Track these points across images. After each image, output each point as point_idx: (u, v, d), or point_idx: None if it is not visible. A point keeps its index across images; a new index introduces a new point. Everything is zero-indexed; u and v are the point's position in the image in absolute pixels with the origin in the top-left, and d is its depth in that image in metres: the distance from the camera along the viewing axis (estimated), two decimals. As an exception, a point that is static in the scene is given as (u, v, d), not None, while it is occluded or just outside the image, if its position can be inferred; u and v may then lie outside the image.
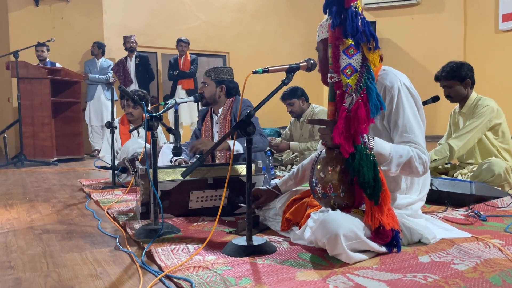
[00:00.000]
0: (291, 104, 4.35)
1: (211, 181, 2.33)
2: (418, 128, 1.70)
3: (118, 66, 6.82)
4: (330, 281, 1.37)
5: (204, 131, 3.14)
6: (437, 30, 7.91)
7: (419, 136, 1.68)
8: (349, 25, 1.56)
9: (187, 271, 1.49)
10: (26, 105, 5.66)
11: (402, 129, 1.68)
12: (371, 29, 1.58)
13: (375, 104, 1.54)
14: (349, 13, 1.56)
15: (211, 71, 3.08)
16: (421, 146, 1.67)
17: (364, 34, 1.57)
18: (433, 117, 7.22)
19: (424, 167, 1.66)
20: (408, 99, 1.72)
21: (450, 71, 3.01)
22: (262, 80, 4.59)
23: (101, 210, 2.65)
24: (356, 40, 1.57)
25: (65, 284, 1.46)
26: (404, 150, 1.63)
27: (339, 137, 1.55)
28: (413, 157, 1.63)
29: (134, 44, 6.80)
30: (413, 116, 1.70)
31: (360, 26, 1.57)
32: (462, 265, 1.49)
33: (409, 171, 1.66)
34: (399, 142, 1.68)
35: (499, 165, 2.73)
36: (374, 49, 1.58)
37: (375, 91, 1.55)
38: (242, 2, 8.57)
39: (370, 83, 1.56)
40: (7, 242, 1.98)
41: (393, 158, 1.61)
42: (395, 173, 1.65)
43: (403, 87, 1.72)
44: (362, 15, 1.59)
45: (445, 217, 2.22)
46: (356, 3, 1.58)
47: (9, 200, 3.09)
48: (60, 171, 4.97)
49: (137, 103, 2.44)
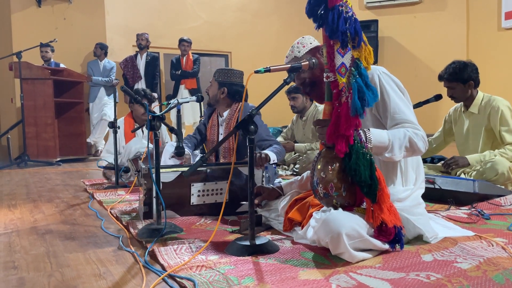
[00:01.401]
0: (295, 98, 4.26)
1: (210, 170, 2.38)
2: (406, 107, 1.75)
3: (127, 61, 6.82)
4: (333, 280, 1.37)
5: (210, 127, 3.13)
6: (440, 29, 7.89)
7: (409, 114, 1.74)
8: (328, 27, 1.58)
9: (190, 270, 1.49)
10: (29, 106, 5.68)
11: (392, 112, 1.73)
12: (357, 26, 1.57)
13: (354, 104, 1.54)
14: (330, 14, 1.57)
15: (218, 71, 3.06)
16: (413, 123, 1.72)
17: (348, 32, 1.56)
18: (436, 116, 7.19)
19: (423, 142, 1.70)
20: (390, 84, 1.77)
21: (452, 73, 2.98)
22: (264, 80, 4.59)
23: (104, 210, 2.66)
24: (339, 40, 1.57)
25: (68, 284, 1.46)
26: (400, 132, 1.67)
27: (331, 137, 1.57)
28: (411, 136, 1.67)
29: (145, 41, 6.83)
30: (399, 98, 1.76)
31: (344, 25, 1.56)
32: (465, 263, 1.49)
33: (412, 150, 1.69)
34: (392, 125, 1.72)
35: (502, 164, 2.72)
36: (358, 45, 1.57)
37: (356, 89, 1.55)
38: (244, 2, 8.57)
39: (355, 81, 1.56)
40: (11, 242, 1.99)
41: (393, 143, 1.64)
42: (400, 157, 1.67)
43: (382, 75, 1.78)
44: (351, 13, 1.58)
45: (448, 215, 2.21)
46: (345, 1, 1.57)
47: (13, 201, 3.10)
48: (63, 171, 4.98)
49: (138, 102, 2.44)
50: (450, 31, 7.82)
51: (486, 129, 2.96)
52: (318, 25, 1.65)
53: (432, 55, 7.87)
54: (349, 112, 1.55)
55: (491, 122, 2.93)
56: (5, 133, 5.75)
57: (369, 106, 1.57)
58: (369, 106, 1.57)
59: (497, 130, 2.90)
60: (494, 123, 2.92)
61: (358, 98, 1.54)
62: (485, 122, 2.96)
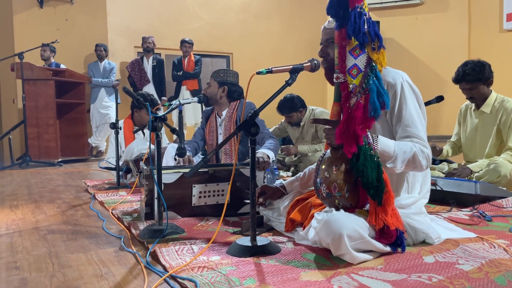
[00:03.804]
0: (290, 116, 4.27)
1: (212, 171, 2.38)
2: (420, 122, 1.73)
3: (134, 65, 6.81)
4: (335, 281, 1.37)
5: (208, 131, 3.14)
6: (441, 30, 7.89)
7: (421, 130, 1.72)
8: (351, 26, 1.57)
9: (191, 271, 1.49)
10: (31, 107, 5.69)
11: (405, 124, 1.71)
12: (376, 29, 1.59)
13: (374, 105, 1.54)
14: (352, 14, 1.57)
15: (215, 72, 3.09)
16: (423, 141, 1.70)
17: (368, 34, 1.57)
18: (437, 118, 7.19)
19: (427, 161, 1.69)
20: (410, 95, 1.75)
21: (473, 72, 2.88)
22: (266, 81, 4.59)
23: (105, 211, 2.66)
24: (360, 40, 1.57)
25: (70, 284, 1.46)
26: (407, 146, 1.66)
27: (340, 137, 1.57)
28: (416, 152, 1.65)
29: (152, 45, 6.83)
30: (415, 111, 1.74)
31: (364, 26, 1.57)
32: (467, 265, 1.48)
33: (413, 166, 1.68)
34: (402, 136, 1.71)
35: (505, 166, 2.71)
36: (378, 49, 1.59)
37: (375, 91, 1.56)
38: (246, 3, 8.58)
39: (372, 83, 1.56)
40: (13, 243, 2.00)
41: (398, 155, 1.63)
42: (401, 170, 1.66)
43: (405, 84, 1.76)
44: (368, 16, 1.59)
45: (450, 217, 2.21)
46: (363, 4, 1.58)
47: (14, 201, 3.10)
48: (65, 172, 4.99)
49: (141, 104, 2.45)
50: (451, 33, 7.82)
51: (497, 130, 2.95)
52: (338, 24, 1.63)
53: (433, 57, 7.87)
54: (366, 112, 1.54)
55: (501, 123, 2.92)
56: (7, 133, 5.76)
57: (387, 108, 1.58)
58: (387, 108, 1.58)
59: (505, 132, 2.89)
60: (504, 124, 2.91)
61: (377, 99, 1.54)
62: (496, 123, 2.95)
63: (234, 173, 2.34)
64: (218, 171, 2.42)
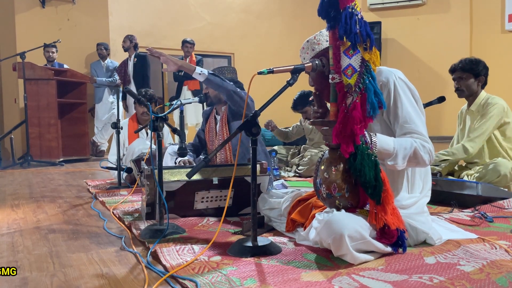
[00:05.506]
0: (305, 112, 4.34)
1: (216, 182, 2.34)
2: (418, 118, 1.72)
3: (121, 66, 6.79)
4: (335, 282, 1.37)
5: (208, 131, 3.14)
6: (443, 30, 7.88)
7: (420, 125, 1.70)
8: (342, 27, 1.58)
9: (192, 271, 1.49)
10: (33, 106, 5.70)
11: (402, 121, 1.70)
12: (368, 29, 1.58)
13: (372, 104, 1.54)
14: (343, 15, 1.57)
15: (216, 70, 3.09)
16: (423, 135, 1.69)
17: (360, 35, 1.57)
18: (439, 118, 7.19)
19: (429, 156, 1.67)
20: (404, 91, 1.74)
21: (468, 63, 3.00)
22: (267, 81, 4.59)
23: (106, 211, 2.66)
24: (352, 41, 1.57)
25: (71, 284, 1.46)
26: (407, 142, 1.65)
27: (337, 137, 1.57)
28: (417, 147, 1.64)
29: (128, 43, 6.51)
30: (412, 107, 1.72)
31: (356, 27, 1.57)
32: (468, 266, 1.48)
33: (416, 162, 1.67)
34: (401, 134, 1.70)
35: (505, 166, 2.71)
36: (370, 48, 1.58)
37: (372, 90, 1.56)
38: (247, 3, 8.59)
39: (368, 82, 1.56)
40: (14, 242, 2.00)
41: (398, 152, 1.62)
42: (403, 166, 1.66)
43: (398, 81, 1.74)
44: (360, 16, 1.59)
45: (451, 218, 2.21)
46: (354, 4, 1.58)
47: (16, 201, 3.11)
48: (66, 171, 4.99)
49: (141, 103, 2.45)
50: (453, 33, 7.81)
51: None
52: (330, 26, 1.64)
53: (435, 57, 7.86)
54: (364, 111, 1.54)
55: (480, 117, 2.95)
56: (8, 133, 5.78)
57: (385, 108, 1.58)
58: (385, 108, 1.58)
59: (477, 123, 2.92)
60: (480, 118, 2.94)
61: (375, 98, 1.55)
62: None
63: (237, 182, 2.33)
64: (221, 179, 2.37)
